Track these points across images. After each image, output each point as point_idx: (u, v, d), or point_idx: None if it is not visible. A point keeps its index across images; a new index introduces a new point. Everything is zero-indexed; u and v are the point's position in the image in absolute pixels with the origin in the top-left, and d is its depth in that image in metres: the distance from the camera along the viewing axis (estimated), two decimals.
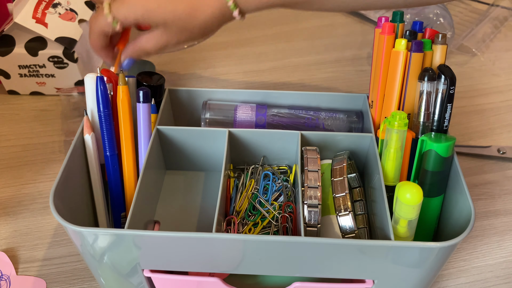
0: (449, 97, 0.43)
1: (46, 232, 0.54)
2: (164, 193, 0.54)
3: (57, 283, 0.49)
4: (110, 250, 0.39)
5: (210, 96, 0.55)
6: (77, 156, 0.45)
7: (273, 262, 0.40)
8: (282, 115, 0.52)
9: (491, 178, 0.60)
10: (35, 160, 0.62)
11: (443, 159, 0.42)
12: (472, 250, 0.52)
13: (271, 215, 0.47)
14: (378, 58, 0.47)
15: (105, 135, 0.45)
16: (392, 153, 0.43)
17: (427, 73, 0.43)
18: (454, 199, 0.44)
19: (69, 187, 0.44)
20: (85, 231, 0.38)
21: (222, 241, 0.37)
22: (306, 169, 0.44)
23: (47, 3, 0.69)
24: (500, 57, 0.80)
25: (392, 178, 0.44)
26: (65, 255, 0.51)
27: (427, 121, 0.45)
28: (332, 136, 0.49)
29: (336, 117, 0.52)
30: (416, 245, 0.36)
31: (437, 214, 0.46)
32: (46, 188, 0.59)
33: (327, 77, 0.76)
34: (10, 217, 0.55)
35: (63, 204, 0.41)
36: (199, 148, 0.52)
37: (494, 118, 0.69)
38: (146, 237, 0.38)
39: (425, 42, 0.45)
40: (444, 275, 0.50)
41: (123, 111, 0.46)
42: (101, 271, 0.43)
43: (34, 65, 0.68)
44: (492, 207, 0.57)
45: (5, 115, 0.69)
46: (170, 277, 0.42)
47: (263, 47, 0.84)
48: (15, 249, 0.52)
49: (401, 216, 0.39)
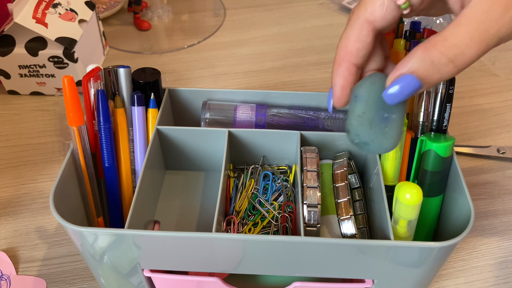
0: (448, 97, 0.43)
1: (46, 232, 0.54)
2: (164, 193, 0.54)
3: (57, 283, 0.49)
4: (110, 250, 0.39)
5: (210, 96, 0.54)
6: (77, 156, 0.45)
7: (272, 262, 0.40)
8: (282, 115, 0.52)
9: (491, 178, 0.60)
10: (35, 160, 0.62)
11: (443, 159, 0.42)
12: (471, 250, 0.52)
13: (271, 215, 0.48)
14: None
15: (104, 147, 0.46)
16: (391, 153, 0.43)
17: None
18: (454, 199, 0.44)
19: (69, 187, 0.44)
20: (85, 231, 0.38)
21: (222, 241, 0.38)
22: (305, 169, 0.44)
23: (47, 3, 0.69)
24: (500, 57, 0.80)
25: (391, 178, 0.44)
26: (65, 255, 0.51)
27: (427, 121, 0.45)
28: (332, 136, 0.49)
29: (336, 117, 0.52)
30: (415, 244, 0.36)
31: (437, 214, 0.46)
32: (46, 188, 0.59)
33: (327, 77, 0.76)
34: (10, 217, 0.55)
35: (63, 204, 0.41)
36: (199, 148, 0.52)
37: (493, 118, 0.69)
38: (146, 237, 0.38)
39: None
40: (443, 275, 0.50)
41: (121, 130, 0.48)
42: (101, 270, 0.43)
43: (34, 65, 0.69)
44: (492, 207, 0.57)
45: (5, 115, 0.69)
46: (170, 277, 0.42)
47: (263, 47, 0.84)
48: (15, 249, 0.52)
49: (400, 217, 0.39)
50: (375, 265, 0.39)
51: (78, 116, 0.43)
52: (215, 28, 0.89)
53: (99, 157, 0.48)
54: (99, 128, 0.45)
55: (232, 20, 0.91)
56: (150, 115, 0.50)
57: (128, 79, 0.48)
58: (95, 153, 0.48)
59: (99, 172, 0.48)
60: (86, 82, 0.45)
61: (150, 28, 0.88)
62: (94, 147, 0.48)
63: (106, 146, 0.46)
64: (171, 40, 0.86)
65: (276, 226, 0.47)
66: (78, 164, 0.45)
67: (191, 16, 0.92)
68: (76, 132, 0.44)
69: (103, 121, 0.45)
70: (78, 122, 0.43)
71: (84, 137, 0.45)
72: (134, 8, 0.87)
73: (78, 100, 0.43)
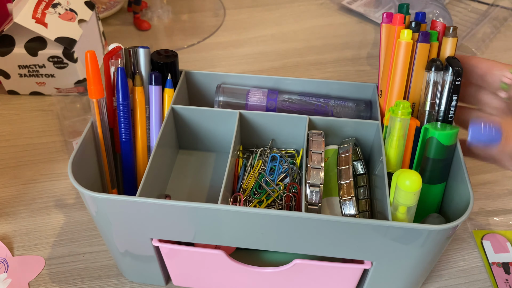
0: (455, 88, 0.44)
1: (46, 232, 0.54)
2: (176, 171, 0.56)
3: (57, 283, 0.49)
4: (121, 217, 0.41)
5: (224, 80, 0.56)
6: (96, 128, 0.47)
7: (274, 237, 0.41)
8: (293, 101, 0.54)
9: (491, 178, 0.60)
10: (35, 160, 0.62)
11: (445, 147, 0.43)
12: (471, 250, 0.52)
13: (276, 194, 0.49)
14: (388, 49, 0.48)
15: (122, 122, 0.48)
16: (394, 141, 0.44)
17: (435, 63, 0.44)
18: (455, 187, 0.44)
19: (87, 158, 0.46)
20: (99, 197, 0.40)
21: (226, 213, 0.39)
22: (310, 151, 0.45)
23: (46, 3, 0.69)
24: (500, 57, 0.81)
25: (394, 165, 0.45)
26: (65, 255, 0.52)
27: (433, 110, 0.46)
28: (339, 122, 0.50)
29: (345, 105, 0.54)
30: (412, 226, 0.37)
31: (438, 202, 0.47)
32: (46, 188, 0.59)
33: (327, 77, 0.77)
34: (10, 217, 0.56)
35: (80, 173, 0.43)
36: (211, 129, 0.55)
37: None
38: (155, 205, 0.39)
39: (432, 34, 0.46)
40: (443, 275, 0.50)
41: (140, 107, 0.50)
42: (112, 236, 0.44)
43: (34, 65, 0.69)
44: (492, 207, 0.57)
45: (5, 115, 0.70)
46: (177, 247, 0.43)
47: (263, 47, 0.84)
48: (15, 249, 0.52)
49: (400, 203, 0.39)
50: (374, 247, 0.40)
51: (98, 89, 0.45)
52: (215, 28, 0.89)
53: (116, 133, 0.49)
54: (118, 104, 0.47)
55: (232, 20, 0.91)
56: (166, 95, 0.52)
57: (147, 59, 0.50)
58: (112, 128, 0.50)
59: (116, 147, 0.50)
60: (108, 60, 0.47)
61: (150, 28, 0.88)
62: (112, 123, 0.49)
63: (124, 121, 0.47)
64: (171, 40, 0.86)
65: (280, 204, 0.49)
66: (96, 136, 0.47)
67: (191, 16, 0.93)
68: (95, 105, 0.46)
69: (122, 97, 0.47)
70: (98, 94, 0.45)
71: (103, 110, 0.46)
72: (134, 8, 0.88)
73: (99, 73, 0.45)
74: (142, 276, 0.49)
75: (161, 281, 0.49)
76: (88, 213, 0.56)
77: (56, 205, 0.57)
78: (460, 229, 0.55)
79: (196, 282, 0.48)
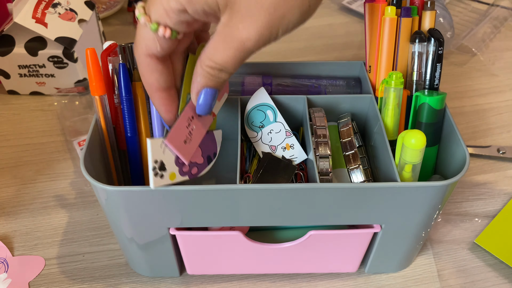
0: (438, 57, 0.47)
1: (46, 232, 0.54)
2: None
3: (57, 283, 0.49)
4: (138, 209, 0.42)
5: None
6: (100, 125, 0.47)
7: (291, 212, 0.42)
8: (287, 84, 0.55)
9: (491, 178, 0.60)
10: (35, 160, 0.62)
11: (436, 111, 0.47)
12: (471, 250, 0.52)
13: None
14: (372, 26, 0.51)
15: (126, 118, 0.47)
16: (390, 110, 0.47)
17: (419, 35, 0.48)
18: (449, 149, 0.47)
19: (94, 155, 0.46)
20: (119, 190, 0.40)
21: (246, 192, 0.40)
22: (315, 127, 0.48)
23: (47, 3, 0.69)
24: (500, 57, 0.81)
25: (392, 133, 0.48)
26: (65, 255, 0.52)
27: (420, 79, 0.49)
28: (336, 99, 0.52)
29: (336, 83, 0.56)
30: (422, 184, 0.39)
31: (433, 164, 0.50)
32: (46, 188, 0.59)
33: None
34: (10, 217, 0.56)
35: (92, 166, 0.44)
36: None
37: (493, 118, 0.70)
38: (177, 192, 0.40)
39: (412, 8, 0.49)
40: (444, 275, 0.50)
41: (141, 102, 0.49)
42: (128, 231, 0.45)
43: (34, 65, 0.69)
44: (492, 207, 0.57)
45: (5, 115, 0.70)
46: (195, 233, 0.43)
47: None
48: (15, 249, 0.52)
49: (406, 162, 0.42)
50: (384, 210, 0.42)
51: (100, 86, 0.45)
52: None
53: (119, 130, 0.49)
54: (121, 100, 0.47)
55: None
56: None
57: None
58: (115, 126, 0.49)
59: (119, 144, 0.50)
60: (106, 57, 0.47)
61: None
62: (115, 120, 0.49)
63: (128, 117, 0.47)
64: None
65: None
66: (101, 133, 0.47)
67: None
68: (98, 101, 0.46)
69: (125, 93, 0.46)
70: (100, 91, 0.45)
71: (105, 107, 0.47)
72: (134, 8, 0.87)
73: (100, 70, 0.45)
74: (155, 270, 0.49)
75: (176, 272, 0.49)
76: (88, 213, 0.56)
77: (56, 205, 0.57)
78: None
79: (211, 268, 0.49)
